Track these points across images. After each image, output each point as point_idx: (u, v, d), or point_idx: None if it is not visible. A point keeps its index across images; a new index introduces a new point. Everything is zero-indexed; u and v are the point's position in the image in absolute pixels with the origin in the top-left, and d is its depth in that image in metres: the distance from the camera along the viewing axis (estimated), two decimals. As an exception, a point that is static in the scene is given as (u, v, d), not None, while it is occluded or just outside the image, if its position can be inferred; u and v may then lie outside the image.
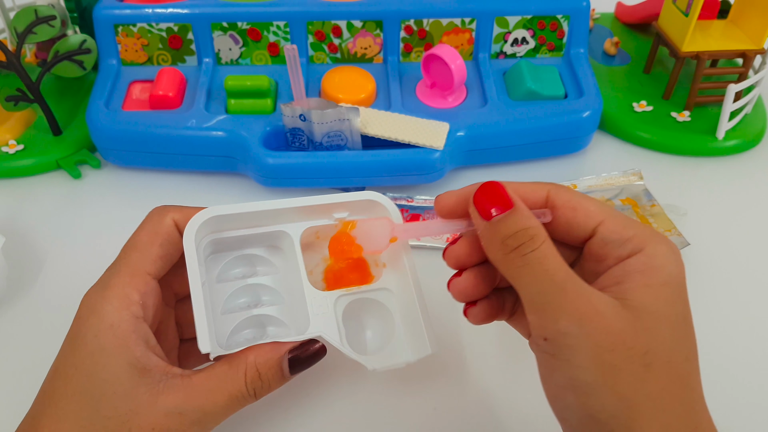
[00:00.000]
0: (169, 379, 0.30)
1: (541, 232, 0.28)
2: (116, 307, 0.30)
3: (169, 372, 0.30)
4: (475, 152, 0.52)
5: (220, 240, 0.36)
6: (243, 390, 0.30)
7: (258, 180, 0.51)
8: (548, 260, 0.27)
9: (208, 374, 0.30)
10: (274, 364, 0.31)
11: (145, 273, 0.32)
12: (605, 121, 0.57)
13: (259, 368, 0.31)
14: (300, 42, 0.55)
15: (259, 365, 0.31)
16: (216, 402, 0.30)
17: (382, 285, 0.36)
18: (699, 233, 0.49)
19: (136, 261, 0.32)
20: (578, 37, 0.56)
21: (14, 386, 0.39)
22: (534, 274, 0.27)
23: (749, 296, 0.45)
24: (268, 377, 0.31)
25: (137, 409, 0.28)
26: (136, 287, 0.31)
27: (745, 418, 0.39)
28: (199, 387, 0.30)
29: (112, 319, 0.30)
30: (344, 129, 0.48)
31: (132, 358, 0.29)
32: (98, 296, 0.31)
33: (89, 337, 0.29)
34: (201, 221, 0.33)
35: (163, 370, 0.30)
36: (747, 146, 0.56)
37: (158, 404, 0.29)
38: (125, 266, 0.32)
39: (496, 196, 0.29)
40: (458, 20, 0.55)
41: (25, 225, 0.50)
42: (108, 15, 0.53)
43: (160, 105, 0.52)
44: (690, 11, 0.53)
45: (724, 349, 0.42)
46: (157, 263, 0.32)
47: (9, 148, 0.53)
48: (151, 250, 0.32)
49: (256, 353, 0.31)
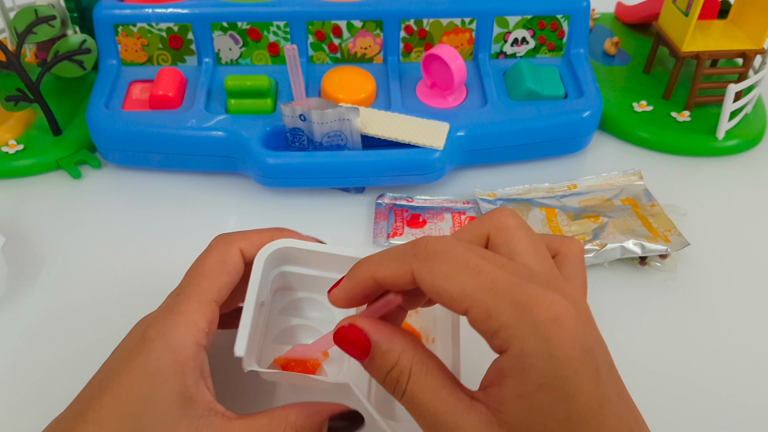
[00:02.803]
0: (210, 416, 0.29)
1: (405, 367, 0.27)
2: (183, 332, 0.30)
3: (213, 409, 0.30)
4: (475, 152, 0.52)
5: (291, 275, 0.36)
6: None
7: (258, 180, 0.51)
8: (418, 399, 0.27)
9: (249, 424, 0.30)
10: (314, 429, 0.31)
11: (213, 300, 0.32)
12: (605, 121, 0.57)
13: (298, 430, 0.30)
14: (300, 42, 0.55)
15: (299, 426, 0.30)
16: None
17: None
18: (699, 233, 0.49)
19: (205, 288, 0.32)
20: (578, 37, 0.56)
21: (14, 386, 0.39)
22: (412, 413, 0.27)
23: (749, 296, 0.45)
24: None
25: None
26: (204, 314, 0.31)
27: (745, 418, 0.39)
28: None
29: (177, 344, 0.30)
30: (344, 129, 0.48)
31: (183, 386, 0.29)
32: (167, 320, 0.30)
33: (152, 359, 0.29)
34: (276, 248, 0.34)
35: (207, 405, 0.30)
36: (747, 146, 0.56)
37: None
38: (195, 293, 0.32)
39: (352, 343, 0.28)
40: (458, 20, 0.55)
41: (25, 225, 0.50)
42: (108, 15, 0.53)
43: (160, 105, 0.52)
44: (690, 11, 0.53)
45: (724, 349, 0.42)
46: (223, 291, 0.32)
47: (9, 148, 0.53)
48: (220, 279, 0.32)
49: (298, 413, 0.31)
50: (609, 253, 0.45)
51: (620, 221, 0.47)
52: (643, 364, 0.41)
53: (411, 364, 0.27)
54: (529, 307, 0.25)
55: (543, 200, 0.50)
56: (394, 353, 0.27)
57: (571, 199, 0.50)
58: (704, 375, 0.41)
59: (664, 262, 0.46)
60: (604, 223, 0.47)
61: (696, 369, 0.41)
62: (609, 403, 0.26)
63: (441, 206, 0.50)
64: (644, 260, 0.46)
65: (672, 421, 0.38)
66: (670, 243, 0.46)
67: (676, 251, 0.46)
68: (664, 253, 0.45)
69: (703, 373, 0.41)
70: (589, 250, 0.45)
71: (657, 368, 0.41)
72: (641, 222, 0.47)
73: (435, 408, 0.26)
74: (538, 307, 0.25)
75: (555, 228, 0.47)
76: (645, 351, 0.42)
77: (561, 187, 0.52)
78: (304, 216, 0.50)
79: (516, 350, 0.25)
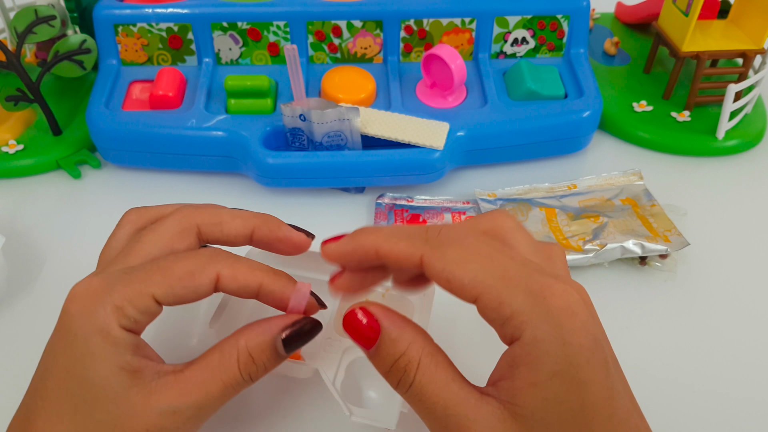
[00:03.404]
0: (161, 377, 0.29)
1: (414, 357, 0.26)
2: (110, 313, 0.28)
3: (161, 370, 0.29)
4: (475, 152, 0.52)
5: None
6: (238, 377, 0.29)
7: (258, 180, 0.51)
8: (426, 391, 0.26)
9: (201, 366, 0.29)
10: (267, 347, 0.30)
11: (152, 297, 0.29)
12: (605, 121, 0.57)
13: (251, 352, 0.29)
14: (300, 42, 0.55)
15: (251, 349, 0.29)
16: (210, 394, 0.29)
17: None
18: (699, 233, 0.49)
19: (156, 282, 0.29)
20: (578, 37, 0.56)
21: (14, 386, 0.39)
22: (418, 407, 0.27)
23: (749, 296, 0.45)
24: (262, 360, 0.30)
25: (130, 411, 0.28)
26: (136, 306, 0.29)
27: (745, 418, 0.39)
28: (191, 381, 0.29)
29: (102, 325, 0.28)
30: (344, 129, 0.48)
31: (122, 361, 0.28)
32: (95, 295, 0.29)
33: (79, 338, 0.28)
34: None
35: (154, 369, 0.29)
36: (747, 146, 0.56)
37: (151, 405, 0.28)
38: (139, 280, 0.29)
39: (361, 328, 0.27)
40: (458, 20, 0.55)
41: (25, 225, 0.50)
42: (108, 15, 0.53)
43: (160, 105, 0.52)
44: (690, 11, 0.53)
45: (724, 349, 0.42)
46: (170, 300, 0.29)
47: (9, 148, 0.53)
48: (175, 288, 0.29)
49: (247, 337, 0.30)
50: (609, 253, 0.45)
51: (620, 221, 0.47)
52: (643, 363, 0.41)
53: (420, 355, 0.27)
54: (542, 294, 0.25)
55: (543, 200, 0.50)
56: (404, 342, 0.27)
57: (571, 199, 0.50)
58: (704, 375, 0.41)
59: (664, 262, 0.46)
60: (604, 223, 0.47)
61: (696, 369, 0.41)
62: (618, 394, 0.26)
63: (441, 206, 0.50)
64: (644, 260, 0.46)
65: (672, 420, 0.38)
66: (670, 243, 0.46)
67: (676, 251, 0.46)
68: (664, 253, 0.45)
69: (703, 373, 0.41)
70: (589, 250, 0.45)
71: (657, 368, 0.41)
72: (641, 222, 0.47)
73: (445, 401, 0.26)
74: (552, 295, 0.25)
75: (555, 228, 0.47)
76: (645, 351, 0.42)
77: (561, 187, 0.52)
78: (304, 216, 0.50)
79: (529, 337, 0.25)
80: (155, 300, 0.29)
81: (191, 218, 0.32)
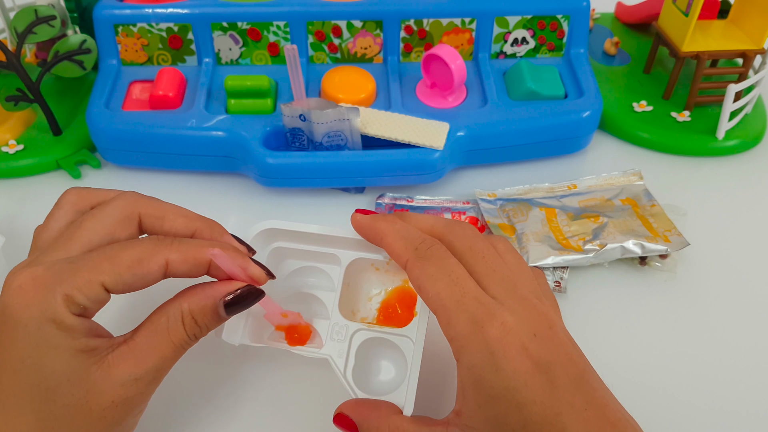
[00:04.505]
0: (115, 349, 0.30)
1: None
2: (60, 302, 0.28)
3: (114, 342, 0.30)
4: (475, 152, 0.52)
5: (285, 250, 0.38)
6: (185, 337, 0.31)
7: (258, 180, 0.51)
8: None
9: (150, 331, 0.31)
10: (209, 311, 0.31)
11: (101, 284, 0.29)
12: (605, 121, 0.57)
13: (194, 316, 0.31)
14: (300, 42, 0.55)
15: (194, 312, 0.31)
16: (165, 356, 0.30)
17: (405, 332, 0.35)
18: (699, 233, 0.49)
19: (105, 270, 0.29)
20: (578, 37, 0.56)
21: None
22: None
23: (749, 296, 0.45)
24: (204, 322, 0.31)
25: (93, 388, 0.29)
26: (86, 294, 0.29)
27: (744, 418, 0.39)
28: (145, 347, 0.30)
29: (53, 314, 0.28)
30: (344, 129, 0.48)
31: (79, 345, 0.29)
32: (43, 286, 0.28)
33: (31, 329, 0.28)
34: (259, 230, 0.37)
35: (107, 343, 0.30)
36: (747, 146, 0.56)
37: (112, 378, 0.29)
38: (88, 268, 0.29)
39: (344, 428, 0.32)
40: (458, 20, 0.55)
41: (25, 225, 0.49)
42: (108, 15, 0.53)
43: (160, 105, 0.52)
44: (690, 11, 0.53)
45: (724, 349, 0.42)
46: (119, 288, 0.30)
47: (9, 148, 0.53)
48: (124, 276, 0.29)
49: (190, 300, 0.31)
50: (609, 253, 0.45)
51: (620, 221, 0.47)
52: (643, 363, 0.41)
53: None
54: (481, 323, 0.28)
55: (543, 200, 0.50)
56: None
57: (571, 199, 0.50)
58: (704, 375, 0.41)
59: (664, 262, 0.46)
60: (604, 223, 0.47)
61: (696, 368, 0.41)
62: (570, 410, 0.27)
63: (441, 206, 0.50)
64: (644, 260, 0.46)
65: (671, 420, 0.38)
66: (670, 243, 0.46)
67: (676, 251, 0.46)
68: (664, 253, 0.45)
69: (703, 373, 0.41)
70: (589, 250, 0.45)
71: (657, 368, 0.41)
72: (641, 222, 0.47)
73: None
74: (489, 325, 0.28)
75: (555, 228, 0.47)
76: (645, 351, 0.42)
77: (561, 187, 0.52)
78: (304, 216, 0.50)
79: (465, 362, 0.28)
80: (104, 288, 0.29)
81: (134, 207, 0.33)
